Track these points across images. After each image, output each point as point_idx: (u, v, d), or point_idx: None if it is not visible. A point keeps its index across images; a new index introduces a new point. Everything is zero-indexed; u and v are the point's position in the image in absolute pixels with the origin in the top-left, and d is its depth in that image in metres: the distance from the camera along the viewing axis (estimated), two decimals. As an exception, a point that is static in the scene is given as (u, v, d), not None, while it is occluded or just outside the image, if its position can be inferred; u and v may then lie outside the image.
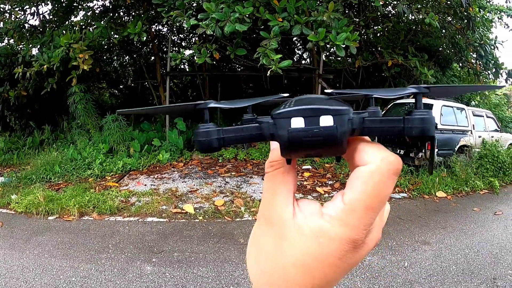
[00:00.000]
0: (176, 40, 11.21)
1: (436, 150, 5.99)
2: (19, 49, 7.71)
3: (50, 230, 3.97)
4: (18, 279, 2.91)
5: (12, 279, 2.91)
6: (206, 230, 4.00)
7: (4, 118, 8.62)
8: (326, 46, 5.11)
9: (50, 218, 4.34)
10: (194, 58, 5.90)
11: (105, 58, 10.22)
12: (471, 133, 6.88)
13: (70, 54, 6.03)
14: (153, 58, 9.72)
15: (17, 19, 7.44)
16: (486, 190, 5.74)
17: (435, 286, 2.87)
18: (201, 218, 4.33)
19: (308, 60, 11.18)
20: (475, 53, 7.83)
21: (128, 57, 11.27)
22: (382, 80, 9.97)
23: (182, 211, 4.50)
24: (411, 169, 5.99)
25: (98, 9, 8.32)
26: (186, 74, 11.57)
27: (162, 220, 4.28)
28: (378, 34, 9.19)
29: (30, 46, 7.04)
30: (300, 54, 11.89)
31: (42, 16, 8.23)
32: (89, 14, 8.14)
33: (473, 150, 6.70)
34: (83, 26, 7.34)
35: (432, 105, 6.10)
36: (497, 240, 3.81)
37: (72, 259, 3.27)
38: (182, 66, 11.37)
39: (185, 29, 10.09)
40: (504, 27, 8.63)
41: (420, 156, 6.04)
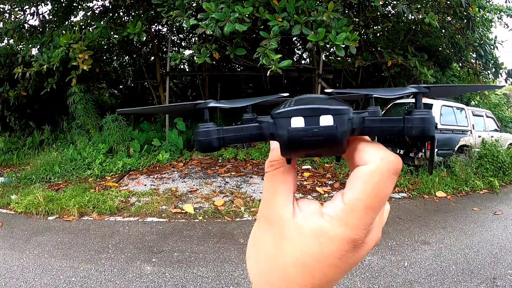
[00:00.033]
0: (175, 40, 11.21)
1: (435, 150, 5.99)
2: (19, 49, 7.71)
3: (50, 230, 3.97)
4: (18, 279, 2.91)
5: (12, 279, 2.91)
6: (206, 230, 4.00)
7: (4, 118, 8.62)
8: (326, 46, 5.11)
9: (50, 218, 4.34)
10: (194, 58, 5.90)
11: (104, 58, 10.22)
12: (471, 133, 6.88)
13: (70, 54, 6.03)
14: (152, 58, 9.72)
15: (16, 19, 7.44)
16: (486, 190, 5.74)
17: (435, 286, 2.87)
18: (201, 218, 4.33)
19: (307, 60, 11.18)
20: (475, 53, 7.82)
21: (127, 57, 11.26)
22: (382, 80, 9.97)
23: (182, 211, 4.50)
24: (411, 169, 5.99)
25: (98, 9, 8.32)
26: (186, 74, 11.56)
27: (162, 220, 4.28)
28: (378, 34, 9.19)
29: (30, 46, 7.04)
30: (299, 54, 11.89)
31: (41, 16, 8.22)
32: (88, 14, 8.13)
33: (473, 150, 6.70)
34: (83, 26, 7.34)
35: (431, 105, 6.10)
36: (496, 240, 3.81)
37: (72, 259, 3.27)
38: (182, 66, 11.37)
39: (184, 29, 10.09)
40: (503, 27, 8.64)
41: (420, 156, 6.04)
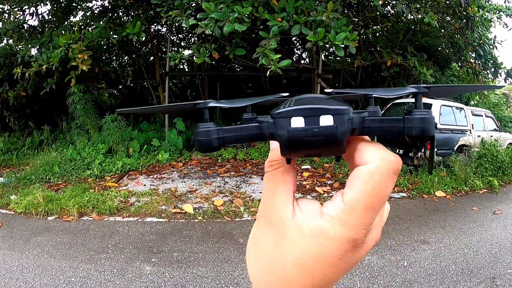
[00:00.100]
0: (175, 40, 11.20)
1: (435, 149, 5.99)
2: (18, 49, 7.69)
3: (49, 231, 3.97)
4: (18, 280, 2.91)
5: (11, 280, 2.91)
6: (206, 230, 4.00)
7: (3, 119, 8.61)
8: (325, 46, 5.11)
9: (49, 218, 4.33)
10: (193, 58, 5.90)
11: (104, 58, 10.20)
12: (470, 132, 6.88)
13: (69, 55, 6.02)
14: (152, 58, 9.71)
15: (16, 20, 7.42)
16: (485, 190, 5.75)
17: (435, 286, 2.87)
18: (200, 218, 4.33)
19: (307, 60, 11.18)
20: (474, 52, 7.83)
21: (127, 57, 11.25)
22: (381, 79, 9.97)
23: (182, 211, 4.50)
24: (410, 168, 5.99)
25: (97, 9, 8.31)
26: (185, 74, 11.55)
27: (161, 220, 4.28)
28: (377, 34, 9.19)
29: (29, 46, 7.03)
30: (299, 54, 11.88)
31: (41, 16, 8.22)
32: (88, 14, 8.13)
33: (472, 149, 6.70)
34: (82, 26, 7.33)
35: (431, 104, 6.11)
36: (496, 239, 3.81)
37: (71, 260, 3.27)
38: (181, 66, 11.35)
39: (184, 29, 10.09)
40: (503, 27, 8.65)
41: (419, 155, 6.04)
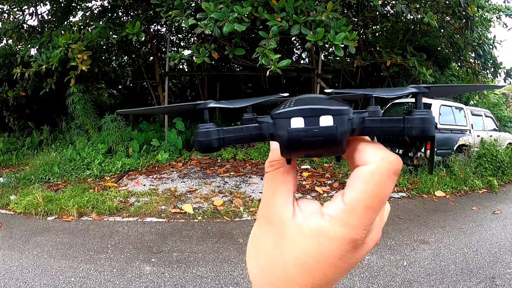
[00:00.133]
0: (174, 40, 11.20)
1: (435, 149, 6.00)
2: (18, 49, 7.68)
3: (49, 231, 3.96)
4: (18, 280, 2.90)
5: (11, 280, 2.91)
6: (205, 230, 4.00)
7: (3, 119, 8.61)
8: (325, 46, 5.11)
9: (49, 218, 4.33)
10: (193, 58, 5.89)
11: (103, 58, 10.19)
12: (470, 132, 6.89)
13: (69, 55, 6.01)
14: (151, 58, 9.70)
15: (15, 20, 7.40)
16: (485, 189, 5.75)
17: (434, 285, 2.87)
18: (200, 218, 4.33)
19: (306, 60, 11.17)
20: (474, 52, 7.83)
21: (126, 57, 11.24)
22: (381, 79, 9.98)
23: (181, 211, 4.50)
24: (410, 168, 5.99)
25: (97, 9, 8.30)
26: (185, 74, 11.54)
27: (161, 220, 4.28)
28: (377, 34, 9.20)
29: (29, 46, 7.02)
30: (298, 54, 11.89)
31: (40, 16, 8.20)
32: (87, 14, 8.11)
33: (471, 149, 6.71)
34: (82, 27, 7.32)
35: (430, 104, 6.11)
36: (496, 239, 3.82)
37: (71, 260, 3.27)
38: (181, 66, 11.33)
39: (183, 29, 10.09)
40: (502, 27, 8.66)
41: (419, 155, 6.04)
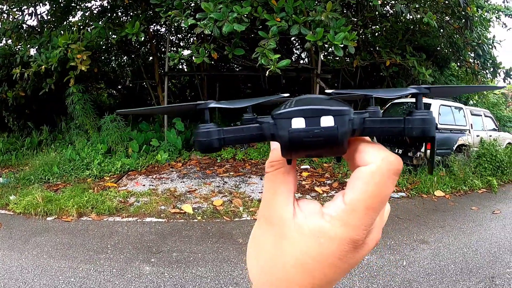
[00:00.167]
0: (174, 40, 11.19)
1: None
2: (17, 49, 7.68)
3: (48, 231, 3.96)
4: (17, 280, 2.90)
5: (11, 280, 2.90)
6: (205, 230, 4.00)
7: (2, 119, 8.61)
8: (324, 46, 5.11)
9: (48, 218, 4.33)
10: (192, 58, 5.89)
11: (103, 58, 10.19)
12: (469, 132, 6.89)
13: (68, 55, 6.01)
14: (151, 58, 9.70)
15: (15, 20, 7.39)
16: (484, 189, 5.76)
17: (434, 285, 2.87)
18: (199, 218, 4.33)
19: (306, 60, 11.18)
20: (473, 52, 7.83)
21: (126, 57, 11.23)
22: (380, 79, 9.98)
23: (181, 211, 4.50)
24: (410, 168, 5.99)
25: (96, 9, 8.30)
26: (184, 74, 11.54)
27: (160, 220, 4.28)
28: (376, 34, 9.20)
29: (28, 46, 7.02)
30: (298, 54, 11.89)
31: (40, 16, 8.19)
32: (87, 14, 8.12)
33: (471, 149, 6.71)
34: (81, 27, 7.32)
35: (430, 104, 6.11)
36: (495, 239, 3.82)
37: (71, 260, 3.27)
38: (180, 66, 11.34)
39: (183, 29, 10.07)
40: (502, 27, 8.66)
41: (418, 155, 6.04)
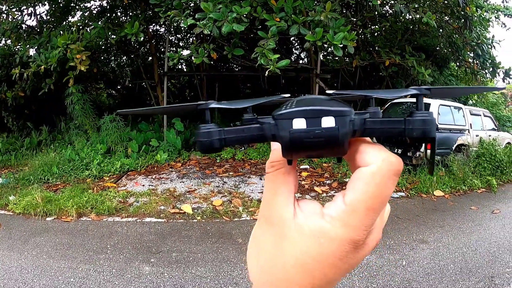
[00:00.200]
0: (173, 40, 11.19)
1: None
2: (17, 49, 7.67)
3: (48, 231, 3.96)
4: (17, 280, 2.90)
5: (10, 280, 2.90)
6: (204, 230, 3.99)
7: (1, 119, 8.60)
8: (324, 46, 5.11)
9: (48, 219, 4.32)
10: (192, 58, 5.89)
11: (102, 58, 10.18)
12: (469, 132, 6.90)
13: (68, 55, 6.00)
14: (150, 58, 9.70)
15: (14, 20, 7.38)
16: (483, 189, 5.76)
17: (433, 285, 2.87)
18: (199, 218, 4.33)
19: (305, 60, 11.17)
20: (472, 52, 7.83)
21: (125, 57, 11.23)
22: (380, 79, 9.98)
23: (180, 211, 4.49)
24: (409, 168, 6.00)
25: (96, 9, 8.30)
26: (184, 74, 11.53)
27: (160, 220, 4.28)
28: (376, 34, 9.20)
29: (28, 46, 7.00)
30: (297, 54, 11.89)
31: (39, 16, 8.18)
32: (86, 14, 8.11)
33: (470, 149, 6.72)
34: (81, 27, 7.32)
35: (429, 104, 6.11)
36: (494, 238, 3.82)
37: (70, 260, 3.26)
38: (180, 66, 11.34)
39: (182, 29, 10.08)
40: (501, 27, 8.67)
41: (417, 155, 6.05)
